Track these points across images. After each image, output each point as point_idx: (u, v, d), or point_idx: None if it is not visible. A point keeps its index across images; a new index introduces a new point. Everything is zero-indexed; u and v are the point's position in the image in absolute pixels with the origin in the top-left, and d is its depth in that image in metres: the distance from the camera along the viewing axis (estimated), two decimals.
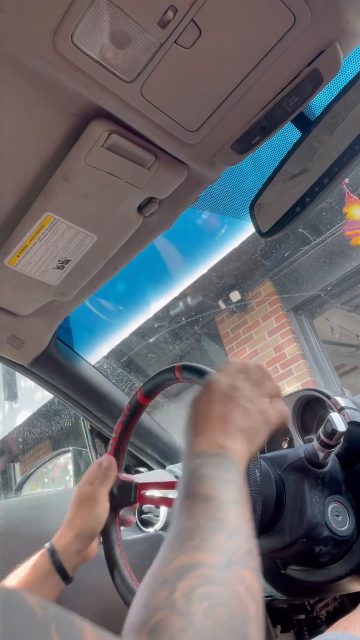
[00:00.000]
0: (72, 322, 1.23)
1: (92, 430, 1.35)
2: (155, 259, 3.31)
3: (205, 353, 4.77)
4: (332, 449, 0.76)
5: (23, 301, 0.95)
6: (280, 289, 4.10)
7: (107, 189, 0.73)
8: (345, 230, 0.97)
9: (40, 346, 1.12)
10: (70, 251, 0.83)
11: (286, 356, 3.94)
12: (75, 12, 0.53)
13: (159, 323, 4.33)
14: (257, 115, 0.66)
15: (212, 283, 4.14)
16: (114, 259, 0.90)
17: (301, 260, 3.85)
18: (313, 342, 4.02)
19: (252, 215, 0.81)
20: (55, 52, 0.56)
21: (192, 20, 0.54)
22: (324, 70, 0.60)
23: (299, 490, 0.77)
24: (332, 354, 4.53)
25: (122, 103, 0.62)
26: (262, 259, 3.96)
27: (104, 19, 0.53)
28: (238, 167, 0.75)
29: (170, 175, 0.73)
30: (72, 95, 0.63)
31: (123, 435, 0.92)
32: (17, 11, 0.52)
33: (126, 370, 4.51)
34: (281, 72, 0.61)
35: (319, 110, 0.72)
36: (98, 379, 1.25)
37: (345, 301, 4.16)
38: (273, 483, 0.78)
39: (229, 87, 0.62)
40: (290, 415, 1.06)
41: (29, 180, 0.74)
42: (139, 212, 0.80)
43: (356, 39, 0.61)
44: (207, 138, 0.68)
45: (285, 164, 0.77)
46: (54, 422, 5.24)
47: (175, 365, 0.83)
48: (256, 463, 0.70)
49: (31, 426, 5.46)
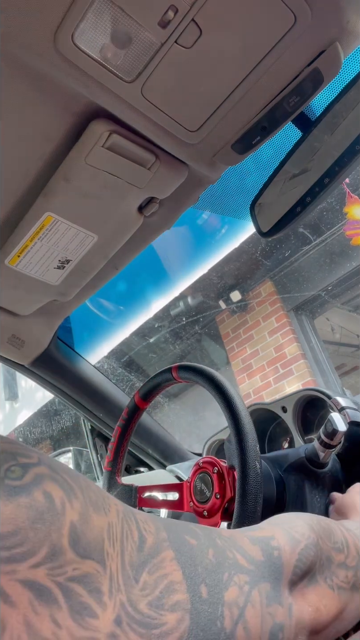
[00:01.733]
0: (73, 322, 1.24)
1: (92, 430, 1.35)
2: (155, 258, 3.31)
3: (205, 353, 4.77)
4: (332, 449, 0.76)
5: (23, 301, 0.95)
6: (281, 288, 4.10)
7: (107, 189, 0.73)
8: (345, 230, 0.97)
9: (40, 346, 1.12)
10: (70, 251, 0.83)
11: (287, 356, 3.94)
12: (76, 12, 0.53)
13: (160, 323, 4.33)
14: (258, 115, 0.66)
15: (213, 283, 4.14)
16: (115, 258, 0.90)
17: (302, 260, 3.85)
18: (314, 342, 4.02)
19: (253, 215, 0.81)
20: (55, 52, 0.56)
21: (192, 20, 0.54)
22: (324, 70, 0.60)
23: (300, 490, 0.77)
24: (333, 354, 4.52)
25: (123, 103, 0.62)
26: (262, 258, 3.96)
27: (104, 18, 0.53)
28: (238, 167, 0.75)
29: (171, 175, 0.73)
30: (72, 95, 0.63)
31: (122, 439, 0.92)
32: (17, 11, 0.52)
33: (127, 370, 4.51)
34: (282, 72, 0.61)
35: (320, 110, 0.72)
36: (98, 378, 1.25)
37: (346, 301, 4.16)
38: (273, 483, 0.78)
39: (229, 87, 0.62)
40: (291, 415, 1.06)
41: (29, 180, 0.74)
42: (140, 212, 0.80)
43: (357, 39, 0.61)
44: (207, 138, 0.68)
45: (285, 164, 0.77)
46: (54, 422, 5.24)
47: (172, 366, 0.83)
48: (257, 457, 0.71)
49: (32, 426, 5.46)
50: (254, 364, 4.17)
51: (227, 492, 0.74)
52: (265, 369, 4.07)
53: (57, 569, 0.24)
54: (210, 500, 0.75)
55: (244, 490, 0.66)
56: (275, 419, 1.12)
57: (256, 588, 0.35)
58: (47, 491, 0.26)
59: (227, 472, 0.75)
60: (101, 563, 0.26)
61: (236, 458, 0.69)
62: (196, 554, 0.32)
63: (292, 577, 0.39)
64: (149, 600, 0.28)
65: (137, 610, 0.27)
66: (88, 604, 0.25)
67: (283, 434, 1.10)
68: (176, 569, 0.30)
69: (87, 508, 0.27)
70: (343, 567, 0.45)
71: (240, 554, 0.36)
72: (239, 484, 0.68)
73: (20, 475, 0.25)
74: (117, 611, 0.26)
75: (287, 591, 0.38)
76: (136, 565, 0.28)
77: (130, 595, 0.27)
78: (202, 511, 0.76)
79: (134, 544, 0.29)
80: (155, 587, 0.28)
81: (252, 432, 0.70)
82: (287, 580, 0.38)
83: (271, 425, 1.14)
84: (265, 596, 0.35)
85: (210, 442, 1.24)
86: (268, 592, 0.36)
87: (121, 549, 0.28)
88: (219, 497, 0.74)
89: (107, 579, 0.26)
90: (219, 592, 0.32)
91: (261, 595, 0.35)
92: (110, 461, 0.93)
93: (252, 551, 0.37)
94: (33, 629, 0.22)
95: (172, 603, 0.29)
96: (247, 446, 0.68)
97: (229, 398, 0.73)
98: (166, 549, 0.30)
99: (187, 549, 0.32)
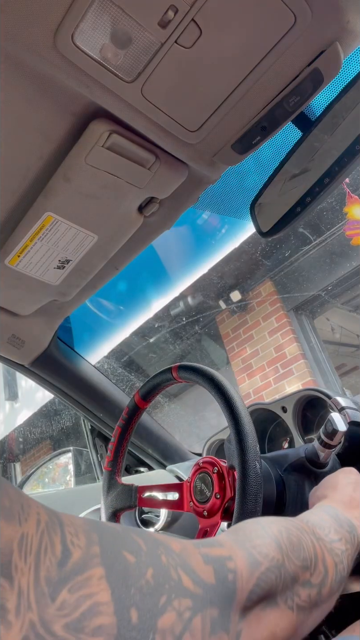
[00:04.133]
0: (73, 322, 1.24)
1: (92, 430, 1.35)
2: (155, 258, 3.31)
3: (205, 353, 4.77)
4: (332, 449, 0.76)
5: (23, 301, 0.95)
6: (281, 288, 4.09)
7: (107, 189, 0.73)
8: (345, 230, 0.97)
9: (40, 346, 1.12)
10: (70, 251, 0.83)
11: (287, 356, 3.94)
12: (76, 12, 0.53)
13: (160, 323, 4.33)
14: (258, 115, 0.66)
15: (213, 283, 4.14)
16: (115, 258, 0.90)
17: (302, 260, 3.85)
18: (314, 342, 4.02)
19: (253, 215, 0.81)
20: (55, 52, 0.56)
21: (192, 20, 0.54)
22: (324, 70, 0.60)
23: (300, 490, 0.77)
24: (333, 354, 4.52)
25: (123, 103, 0.62)
26: (262, 258, 3.96)
27: (104, 18, 0.53)
28: (239, 166, 0.75)
29: (171, 175, 0.73)
30: (72, 95, 0.63)
31: (122, 439, 0.92)
32: (17, 11, 0.52)
33: (127, 370, 4.51)
34: (282, 72, 0.61)
35: (320, 110, 0.72)
36: (99, 378, 1.25)
37: (346, 301, 4.15)
38: (273, 483, 0.78)
39: (229, 87, 0.62)
40: (291, 415, 1.06)
41: (29, 180, 0.74)
42: (140, 212, 0.80)
43: (357, 39, 0.61)
44: (207, 138, 0.68)
45: (285, 164, 0.77)
46: (54, 422, 5.24)
47: (172, 366, 0.83)
48: (257, 457, 0.71)
49: (32, 426, 5.46)
50: (254, 364, 4.17)
51: (227, 492, 0.74)
52: (265, 369, 4.07)
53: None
54: (210, 500, 0.75)
55: (244, 490, 0.66)
56: (275, 419, 1.12)
57: (199, 615, 0.31)
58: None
59: (227, 472, 0.75)
60: (7, 577, 0.23)
61: (236, 458, 0.69)
62: (131, 573, 0.28)
63: (246, 603, 0.35)
64: (66, 622, 0.24)
65: (51, 633, 0.23)
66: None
67: (283, 434, 1.10)
68: (104, 589, 0.26)
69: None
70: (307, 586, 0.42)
71: (187, 575, 0.32)
72: (239, 484, 0.68)
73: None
74: (24, 631, 0.23)
75: (238, 617, 0.34)
76: (54, 582, 0.25)
77: (44, 615, 0.23)
78: (202, 511, 0.76)
79: (54, 558, 0.25)
80: (75, 608, 0.25)
81: (252, 432, 0.70)
82: (239, 606, 0.35)
83: (271, 425, 1.14)
84: (209, 623, 0.31)
85: (210, 442, 1.24)
86: (214, 618, 0.32)
87: (35, 563, 0.24)
88: (219, 497, 0.74)
89: (14, 595, 0.23)
90: (152, 617, 0.28)
91: (204, 623, 0.31)
92: (110, 461, 0.93)
93: (202, 572, 0.33)
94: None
95: (95, 627, 0.25)
96: (247, 446, 0.68)
97: (229, 398, 0.73)
98: (95, 566, 0.27)
99: (121, 567, 0.28)
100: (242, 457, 0.68)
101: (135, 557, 0.29)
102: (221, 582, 0.34)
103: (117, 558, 0.28)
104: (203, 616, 0.31)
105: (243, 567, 0.36)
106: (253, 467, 0.68)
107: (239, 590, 0.35)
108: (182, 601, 0.30)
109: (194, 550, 0.35)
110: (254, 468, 0.67)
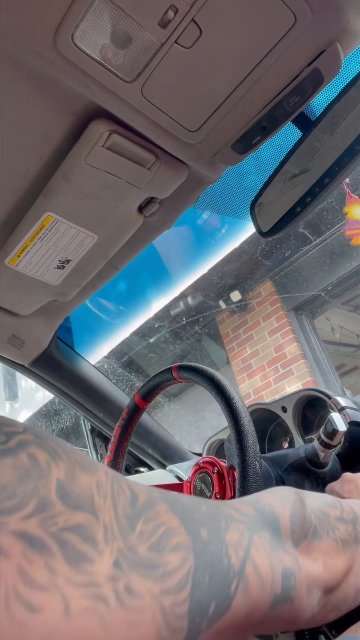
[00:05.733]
0: (73, 322, 1.24)
1: (92, 430, 1.35)
2: (156, 258, 3.31)
3: (205, 353, 4.77)
4: (332, 449, 0.76)
5: (23, 301, 0.95)
6: (281, 288, 4.10)
7: (107, 189, 0.73)
8: (345, 230, 0.97)
9: (40, 346, 1.12)
10: (70, 251, 0.83)
11: (287, 356, 3.94)
12: (76, 12, 0.53)
13: (160, 323, 4.33)
14: (258, 115, 0.66)
15: (213, 283, 4.14)
16: (115, 258, 0.90)
17: (302, 260, 3.85)
18: (314, 342, 4.02)
19: (253, 215, 0.81)
20: (55, 52, 0.56)
21: (192, 20, 0.54)
22: (324, 70, 0.60)
23: None
24: (333, 354, 4.52)
25: (123, 103, 0.62)
26: (262, 258, 3.96)
27: (104, 18, 0.53)
28: (238, 166, 0.75)
29: (171, 175, 0.73)
30: (72, 95, 0.63)
31: (122, 439, 0.92)
32: (17, 11, 0.52)
33: (127, 370, 4.51)
34: (282, 72, 0.61)
35: (320, 110, 0.72)
36: (99, 378, 1.26)
37: (346, 301, 4.16)
38: (273, 483, 0.78)
39: (229, 87, 0.62)
40: (291, 415, 1.06)
41: (29, 180, 0.74)
42: (140, 212, 0.80)
43: (357, 39, 0.61)
44: (207, 138, 0.68)
45: (285, 164, 0.77)
46: (54, 422, 5.24)
47: (172, 366, 0.83)
48: (257, 457, 0.71)
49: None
50: (254, 364, 4.17)
51: (227, 492, 0.74)
52: (265, 369, 4.07)
53: (47, 520, 0.24)
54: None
55: (244, 490, 0.66)
56: (275, 419, 1.12)
57: (255, 535, 0.35)
58: (31, 453, 0.26)
59: (227, 472, 0.75)
60: (93, 514, 0.26)
61: (236, 458, 0.69)
62: (190, 508, 0.32)
63: (292, 534, 0.38)
64: (148, 544, 0.28)
65: (137, 554, 0.27)
66: (83, 551, 0.25)
67: (283, 434, 1.10)
68: (172, 518, 0.30)
69: (73, 467, 0.27)
70: (342, 521, 0.45)
71: (233, 509, 0.36)
72: (239, 484, 0.68)
73: (5, 441, 0.26)
74: (115, 556, 0.26)
75: (290, 545, 0.38)
76: (130, 516, 0.28)
77: (128, 541, 0.27)
78: None
79: (126, 499, 0.29)
80: (153, 533, 0.28)
81: (252, 432, 0.70)
82: (287, 533, 0.38)
83: (271, 425, 1.14)
84: (267, 543, 0.35)
85: (210, 442, 1.24)
86: (269, 539, 0.36)
87: (113, 502, 0.28)
88: (219, 497, 0.74)
89: (101, 528, 0.26)
90: (219, 533, 0.32)
91: (262, 542, 0.35)
92: (111, 461, 0.93)
93: (243, 507, 0.37)
94: (28, 577, 0.22)
95: (173, 545, 0.29)
96: (247, 446, 0.68)
97: (229, 398, 0.73)
98: (160, 503, 0.31)
99: (180, 504, 0.32)
100: (242, 457, 0.68)
101: (188, 499, 0.34)
102: (262, 513, 0.38)
103: (175, 498, 0.33)
104: (260, 537, 0.35)
105: (275, 501, 0.40)
106: (253, 467, 0.68)
107: (280, 517, 0.39)
108: (237, 525, 0.34)
109: (227, 501, 0.39)
110: (254, 468, 0.67)
